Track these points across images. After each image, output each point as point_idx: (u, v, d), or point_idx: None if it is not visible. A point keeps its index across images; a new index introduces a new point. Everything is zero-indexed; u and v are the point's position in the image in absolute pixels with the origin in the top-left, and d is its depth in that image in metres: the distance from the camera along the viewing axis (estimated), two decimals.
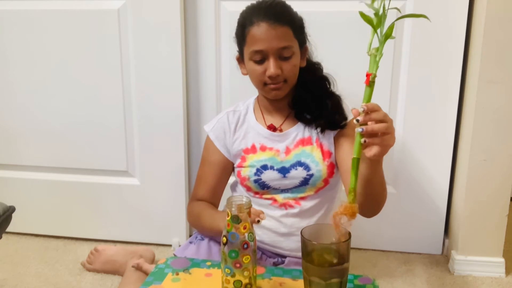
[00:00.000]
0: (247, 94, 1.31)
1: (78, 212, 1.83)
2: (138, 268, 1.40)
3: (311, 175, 1.17)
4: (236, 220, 0.84)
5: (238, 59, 1.23)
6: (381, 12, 0.78)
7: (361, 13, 0.79)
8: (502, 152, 1.49)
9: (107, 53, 1.67)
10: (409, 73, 1.58)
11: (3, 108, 1.78)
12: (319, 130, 1.18)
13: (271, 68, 1.10)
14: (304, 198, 1.20)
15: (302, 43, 1.17)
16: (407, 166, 1.66)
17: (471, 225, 1.56)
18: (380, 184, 0.98)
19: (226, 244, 0.84)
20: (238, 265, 0.85)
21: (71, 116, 1.75)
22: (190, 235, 1.52)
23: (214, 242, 1.21)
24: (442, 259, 1.70)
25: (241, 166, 1.22)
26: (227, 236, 0.84)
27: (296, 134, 1.20)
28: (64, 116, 1.75)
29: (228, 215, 0.84)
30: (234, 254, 0.84)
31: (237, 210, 0.83)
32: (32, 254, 1.73)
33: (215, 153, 1.27)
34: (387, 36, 0.79)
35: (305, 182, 1.17)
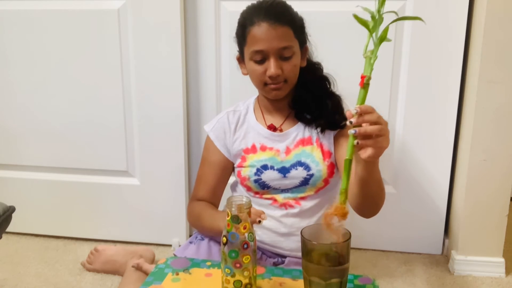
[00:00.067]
0: (247, 94, 1.31)
1: (78, 212, 1.83)
2: (138, 268, 1.40)
3: (311, 175, 1.17)
4: (236, 220, 0.84)
5: (239, 59, 1.23)
6: (377, 16, 0.77)
7: (355, 15, 0.78)
8: (502, 152, 1.49)
9: (107, 53, 1.67)
10: (409, 73, 1.58)
11: (3, 108, 1.78)
12: (319, 130, 1.18)
13: (271, 68, 1.10)
14: (304, 198, 1.20)
15: (302, 43, 1.17)
16: (407, 166, 1.66)
17: (471, 225, 1.56)
18: (377, 184, 0.98)
19: (226, 244, 0.84)
20: (238, 265, 0.85)
21: (71, 116, 1.75)
22: (190, 235, 1.52)
23: (214, 242, 1.21)
24: (442, 259, 1.70)
25: (241, 166, 1.22)
26: (227, 236, 0.84)
27: (296, 134, 1.20)
28: (64, 116, 1.75)
29: (228, 215, 0.84)
30: (234, 254, 0.84)
31: (237, 210, 0.83)
32: (32, 254, 1.73)
33: (215, 153, 1.27)
34: (381, 39, 0.78)
35: (305, 182, 1.18)
